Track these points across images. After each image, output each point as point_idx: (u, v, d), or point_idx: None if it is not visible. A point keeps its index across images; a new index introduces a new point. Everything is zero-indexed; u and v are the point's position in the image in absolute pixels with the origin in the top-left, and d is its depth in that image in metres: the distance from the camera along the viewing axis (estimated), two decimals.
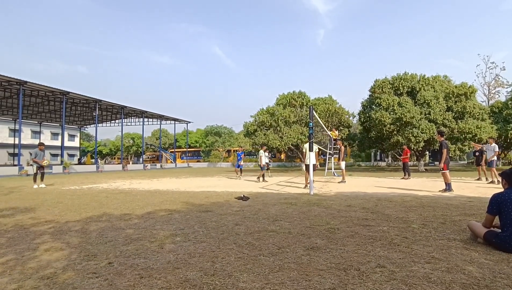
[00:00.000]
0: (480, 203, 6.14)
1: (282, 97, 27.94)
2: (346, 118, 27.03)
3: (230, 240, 3.62)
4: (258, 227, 4.32)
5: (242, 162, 15.92)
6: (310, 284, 2.33)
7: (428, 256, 2.95)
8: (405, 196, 7.53)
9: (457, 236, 3.71)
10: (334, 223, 4.48)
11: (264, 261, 2.88)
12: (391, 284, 2.30)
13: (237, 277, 2.48)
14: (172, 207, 6.26)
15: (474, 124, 19.47)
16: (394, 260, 2.85)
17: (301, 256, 3.00)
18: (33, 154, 11.76)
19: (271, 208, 5.99)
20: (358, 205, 6.16)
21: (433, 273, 2.51)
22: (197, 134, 63.42)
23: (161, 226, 4.46)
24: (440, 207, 5.86)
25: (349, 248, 3.26)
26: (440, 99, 20.77)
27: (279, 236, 3.77)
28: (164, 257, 3.01)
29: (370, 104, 24.20)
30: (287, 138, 24.18)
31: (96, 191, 9.74)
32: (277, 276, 2.49)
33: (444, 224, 4.37)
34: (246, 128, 27.19)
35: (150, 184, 12.48)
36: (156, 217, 5.12)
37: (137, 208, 6.18)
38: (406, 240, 3.55)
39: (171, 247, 3.35)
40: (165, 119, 44.64)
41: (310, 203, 6.51)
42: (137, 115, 42.72)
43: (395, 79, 23.33)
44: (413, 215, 5.04)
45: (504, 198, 3.20)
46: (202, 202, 6.95)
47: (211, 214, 5.39)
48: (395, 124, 20.64)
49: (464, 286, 2.26)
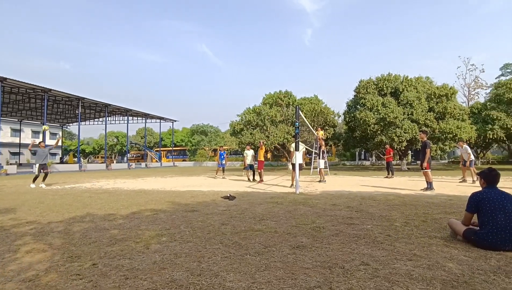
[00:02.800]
0: (459, 202, 6.34)
1: (269, 96, 28.03)
2: (332, 117, 27.35)
3: (217, 240, 3.61)
4: (244, 226, 4.33)
5: (224, 161, 16.04)
6: (296, 282, 2.36)
7: (410, 254, 3.03)
8: (388, 195, 7.70)
9: (438, 233, 3.82)
10: (319, 222, 4.54)
11: (250, 260, 2.89)
12: (374, 281, 2.36)
13: (224, 277, 2.49)
14: (158, 206, 6.19)
15: (454, 124, 20.08)
16: (377, 257, 2.92)
17: (287, 255, 3.03)
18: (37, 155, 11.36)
19: (257, 207, 6.02)
20: (343, 204, 6.26)
21: (415, 270, 2.58)
22: (183, 133, 62.80)
23: (146, 226, 4.40)
24: (422, 205, 6.02)
25: (334, 246, 3.31)
26: (422, 99, 21.32)
27: (266, 235, 3.80)
28: (150, 258, 2.98)
29: (355, 104, 24.58)
30: (273, 138, 24.28)
31: (79, 191, 9.52)
32: (263, 275, 2.51)
33: (425, 222, 4.50)
34: (232, 127, 27.16)
35: (135, 184, 12.30)
36: (141, 217, 5.05)
37: (121, 208, 6.08)
38: (389, 238, 3.64)
39: (157, 247, 3.32)
40: (150, 117, 44.04)
41: (296, 202, 6.57)
42: (122, 114, 41.97)
43: (379, 80, 23.78)
44: (396, 214, 5.16)
45: (482, 197, 3.32)
46: (188, 201, 6.91)
47: (197, 213, 5.36)
48: (379, 124, 21.05)
49: (444, 282, 2.34)
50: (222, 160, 15.87)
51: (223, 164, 15.89)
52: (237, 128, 26.50)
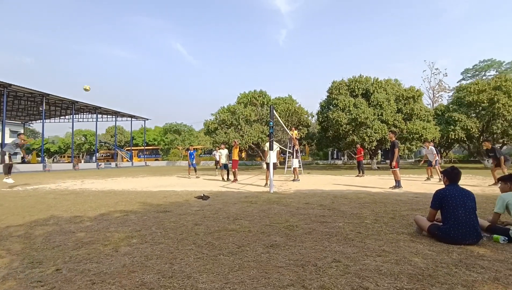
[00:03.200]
0: (425, 199, 6.65)
1: (243, 95, 28.04)
2: (305, 117, 27.84)
3: (189, 241, 3.55)
4: (218, 226, 4.28)
5: (195, 161, 15.98)
6: (269, 281, 2.36)
7: (379, 250, 3.13)
8: (359, 193, 7.94)
9: (405, 229, 3.99)
10: (293, 221, 4.59)
11: (223, 260, 2.86)
12: (345, 278, 2.41)
13: (196, 278, 2.44)
14: (128, 207, 5.99)
15: (420, 125, 21.10)
16: (348, 254, 2.99)
17: (260, 254, 3.02)
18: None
19: (231, 207, 5.98)
20: (316, 203, 6.37)
21: (384, 266, 2.67)
22: (155, 132, 61.17)
23: (115, 228, 4.24)
24: (391, 203, 6.26)
25: (307, 244, 3.36)
26: (391, 101, 22.22)
27: (239, 235, 3.78)
28: (119, 261, 2.87)
29: (328, 105, 25.15)
30: (248, 137, 24.31)
31: (43, 192, 9.01)
32: (236, 275, 2.49)
33: (394, 219, 4.67)
34: (206, 126, 26.91)
35: (104, 184, 11.83)
36: (110, 219, 4.86)
37: (89, 209, 5.82)
38: (360, 235, 3.74)
39: (127, 250, 3.21)
40: (121, 115, 42.48)
41: (270, 201, 6.60)
42: (90, 111, 40.15)
43: (351, 81, 24.49)
44: (367, 211, 5.33)
45: (445, 194, 3.49)
46: (160, 202, 6.74)
47: (170, 214, 5.24)
48: (350, 124, 21.68)
49: (410, 276, 2.43)
50: (192, 160, 15.76)
51: (193, 163, 15.77)
52: (211, 127, 26.28)
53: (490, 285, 2.27)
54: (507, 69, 47.85)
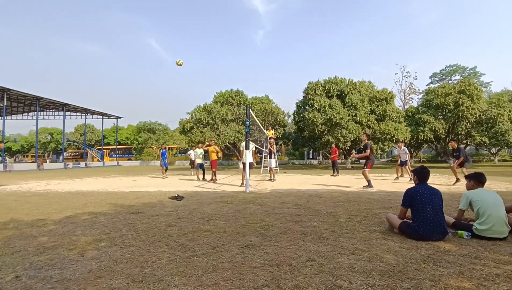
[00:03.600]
0: (396, 197, 6.87)
1: (220, 94, 27.81)
2: (282, 117, 28.02)
3: (162, 243, 3.43)
4: (192, 227, 4.18)
5: (167, 160, 15.69)
6: (243, 282, 2.32)
7: (352, 248, 3.17)
8: (334, 192, 8.07)
9: (378, 227, 4.08)
10: (268, 220, 4.57)
11: (197, 262, 2.79)
12: (320, 277, 2.41)
13: (168, 281, 2.35)
14: (97, 209, 5.73)
15: (392, 126, 21.87)
16: (323, 253, 3.01)
17: (235, 255, 2.97)
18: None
19: (206, 207, 5.88)
20: (291, 202, 6.40)
21: (357, 263, 2.70)
22: (128, 131, 59.33)
23: (82, 231, 4.03)
24: (364, 201, 6.40)
25: (282, 244, 3.34)
26: (365, 102, 22.87)
27: (214, 236, 3.71)
28: (85, 266, 2.71)
29: (304, 105, 25.48)
30: (224, 136, 24.15)
31: (2, 194, 8.45)
32: (210, 277, 2.43)
33: (366, 217, 4.78)
34: (182, 125, 26.44)
35: (72, 185, 11.29)
36: (77, 222, 4.62)
37: (53, 212, 5.50)
38: (334, 233, 3.78)
39: (94, 254, 3.04)
40: (91, 113, 40.87)
41: (246, 201, 6.56)
42: (57, 108, 38.36)
43: (326, 82, 24.94)
44: (341, 210, 5.41)
45: (415, 192, 3.61)
46: (132, 203, 6.51)
47: (142, 215, 5.07)
48: (326, 125, 22.08)
49: (382, 273, 2.48)
50: (164, 159, 15.46)
51: (166, 163, 15.48)
52: (187, 126, 25.85)
53: (455, 278, 2.36)
54: (470, 74, 50.83)
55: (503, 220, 3.42)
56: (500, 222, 3.41)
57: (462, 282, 2.29)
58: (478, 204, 3.53)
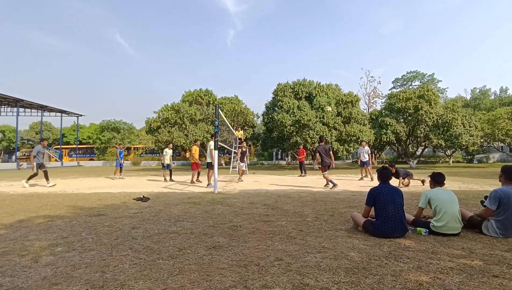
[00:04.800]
0: (361, 197, 7.12)
1: (188, 94, 27.35)
2: (251, 118, 28.10)
3: (125, 246, 3.29)
4: (158, 229, 4.05)
5: (122, 161, 15.13)
6: (211, 284, 2.28)
7: (319, 246, 3.23)
8: (301, 192, 8.22)
9: (343, 226, 4.20)
10: (236, 221, 4.55)
11: (163, 265, 2.70)
12: (287, 276, 2.43)
13: (131, 286, 2.25)
14: (54, 212, 5.38)
15: (357, 128, 22.71)
16: (290, 252, 3.04)
17: (202, 256, 2.92)
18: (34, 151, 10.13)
19: (173, 208, 5.73)
20: (260, 202, 6.42)
21: (323, 261, 2.76)
22: (90, 129, 56.44)
23: (37, 235, 3.76)
24: (330, 201, 6.57)
25: (250, 244, 3.34)
26: (332, 105, 23.54)
27: (181, 237, 3.62)
28: (39, 273, 2.53)
29: (273, 106, 25.75)
30: (192, 136, 23.75)
31: None
32: (176, 280, 2.36)
33: (333, 216, 4.90)
34: (148, 124, 25.64)
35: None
36: (31, 226, 4.30)
37: (4, 215, 5.09)
38: (302, 233, 3.84)
39: (49, 260, 2.85)
40: (48, 110, 38.32)
41: (214, 202, 6.48)
42: (10, 104, 35.58)
43: (295, 84, 25.38)
44: (308, 209, 5.51)
45: (378, 192, 3.76)
46: (94, 205, 6.19)
47: (104, 218, 4.83)
48: (294, 126, 22.46)
49: (347, 270, 2.55)
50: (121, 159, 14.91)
51: (121, 163, 14.91)
52: (153, 126, 25.12)
53: (414, 273, 2.49)
54: (428, 80, 54.26)
55: (456, 216, 3.67)
56: (454, 219, 3.65)
57: (420, 276, 2.42)
58: (436, 202, 3.76)
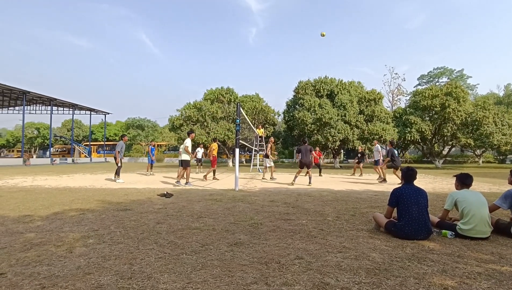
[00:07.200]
0: (383, 197, 7.00)
1: (210, 92, 27.68)
2: (272, 116, 28.10)
3: (151, 240, 3.43)
4: (181, 225, 4.19)
5: (154, 157, 15.68)
6: (232, 280, 2.35)
7: (340, 246, 3.24)
8: (322, 191, 8.17)
9: (364, 226, 4.16)
10: (257, 218, 4.61)
11: (186, 259, 2.80)
12: (307, 274, 2.46)
13: (157, 279, 2.36)
14: (85, 206, 5.66)
15: (380, 126, 22.18)
16: (311, 251, 3.06)
17: (224, 253, 3.00)
18: (118, 147, 11.03)
19: (195, 205, 5.88)
20: (280, 200, 6.45)
21: (344, 261, 2.76)
22: (116, 127, 58.52)
23: (70, 227, 3.99)
24: (352, 200, 6.51)
25: (271, 242, 3.39)
26: (354, 102, 23.13)
27: (203, 233, 3.72)
28: (73, 263, 2.70)
29: (294, 104, 25.60)
30: (214, 134, 24.06)
31: None
32: (199, 274, 2.45)
33: (354, 216, 4.87)
34: (171, 122, 26.23)
35: (59, 181, 11.10)
36: (64, 218, 4.56)
37: (41, 208, 5.42)
38: (322, 232, 3.84)
39: (82, 251, 3.02)
40: (78, 108, 40.09)
41: (235, 199, 6.58)
42: (44, 103, 37.52)
43: (316, 82, 25.09)
44: (329, 209, 5.49)
45: (401, 193, 3.70)
46: (121, 200, 6.45)
47: (130, 212, 5.04)
48: (315, 124, 22.26)
49: (368, 270, 2.55)
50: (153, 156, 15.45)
51: (152, 160, 15.45)
52: (176, 124, 25.66)
53: (438, 277, 2.44)
54: (457, 76, 51.97)
55: (486, 220, 3.54)
56: (483, 222, 3.52)
57: (445, 280, 2.37)
58: (463, 205, 3.64)
